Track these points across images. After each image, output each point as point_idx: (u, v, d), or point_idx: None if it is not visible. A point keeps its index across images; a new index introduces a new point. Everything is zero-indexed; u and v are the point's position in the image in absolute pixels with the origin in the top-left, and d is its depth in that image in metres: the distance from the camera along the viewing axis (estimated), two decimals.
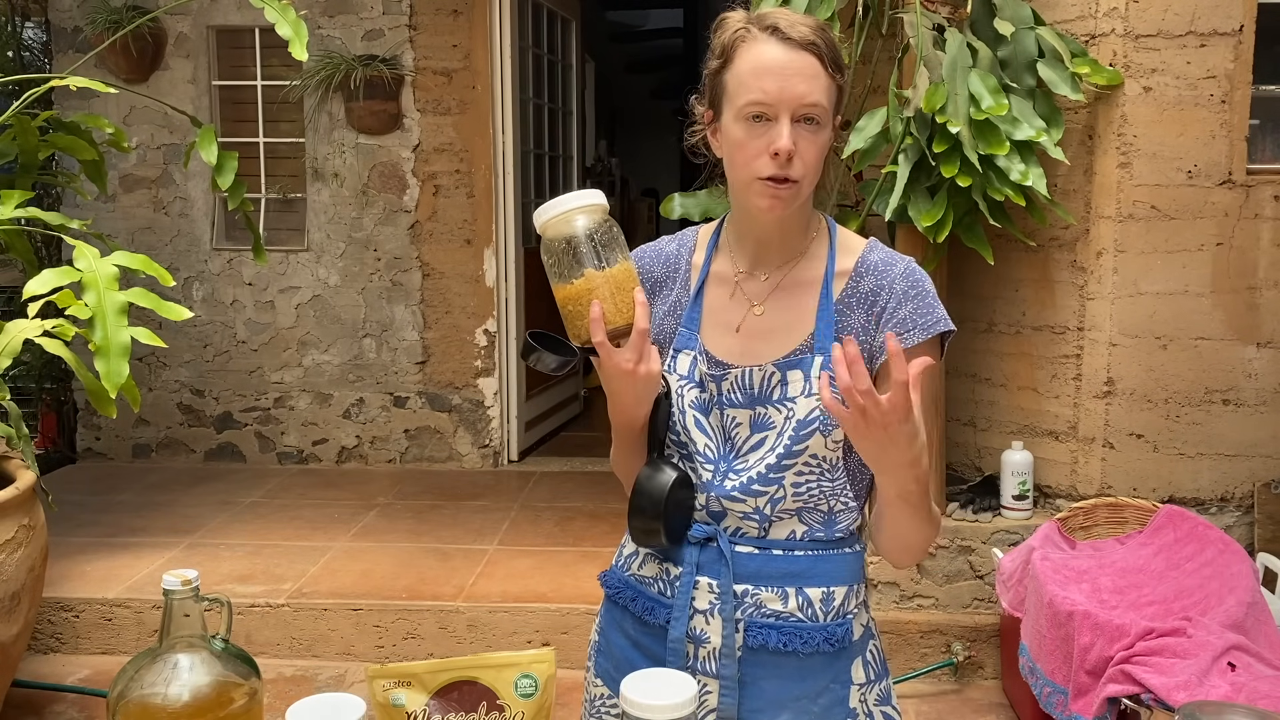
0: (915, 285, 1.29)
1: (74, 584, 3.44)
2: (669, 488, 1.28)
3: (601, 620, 1.47)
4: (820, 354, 1.28)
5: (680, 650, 1.32)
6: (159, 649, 1.11)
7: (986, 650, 3.22)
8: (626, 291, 1.21)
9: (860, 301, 1.30)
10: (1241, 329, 3.20)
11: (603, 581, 1.46)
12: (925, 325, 1.27)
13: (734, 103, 1.25)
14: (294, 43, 3.00)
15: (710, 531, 1.33)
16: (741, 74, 1.24)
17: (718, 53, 1.28)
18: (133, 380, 2.58)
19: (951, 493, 3.41)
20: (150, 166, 4.83)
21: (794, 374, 1.29)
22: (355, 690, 2.58)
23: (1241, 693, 2.26)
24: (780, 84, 1.21)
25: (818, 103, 1.22)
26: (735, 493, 1.31)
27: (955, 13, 3.09)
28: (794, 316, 1.32)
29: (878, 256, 1.33)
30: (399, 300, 4.81)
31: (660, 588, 1.37)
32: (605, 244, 1.21)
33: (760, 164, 1.23)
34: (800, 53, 1.22)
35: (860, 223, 3.36)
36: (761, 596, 1.31)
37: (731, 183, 1.31)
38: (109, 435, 4.95)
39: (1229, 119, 3.11)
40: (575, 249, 1.20)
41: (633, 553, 1.42)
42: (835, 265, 1.33)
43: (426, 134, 4.71)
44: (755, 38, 1.24)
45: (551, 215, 1.21)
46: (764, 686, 1.31)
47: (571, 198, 1.22)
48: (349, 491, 4.49)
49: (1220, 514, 3.24)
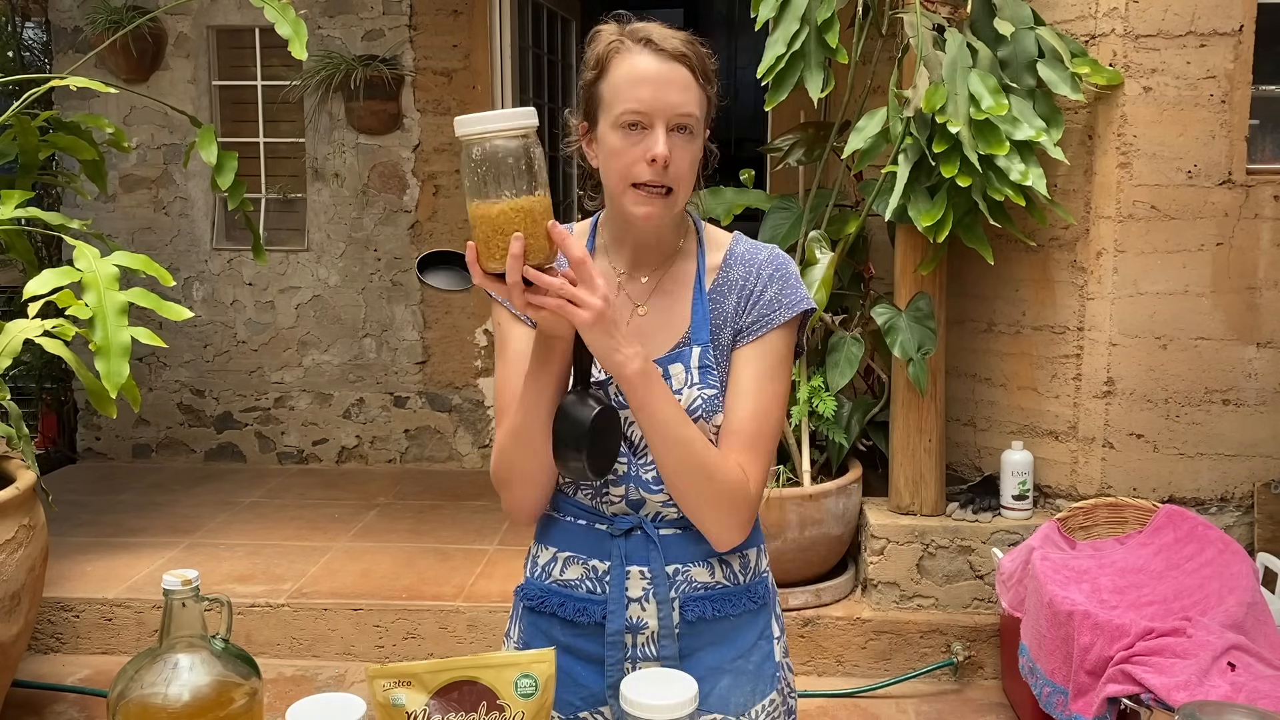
0: (780, 269, 1.37)
1: (74, 584, 3.44)
2: (593, 416, 1.23)
3: (524, 635, 1.45)
4: (697, 345, 1.34)
5: (619, 642, 1.36)
6: (159, 649, 1.11)
7: (986, 650, 3.22)
8: (542, 224, 1.13)
9: (731, 289, 1.37)
10: (1241, 329, 3.20)
11: (521, 595, 1.46)
12: (790, 304, 1.35)
13: (610, 111, 1.28)
14: (294, 42, 3.00)
15: (634, 521, 1.36)
16: (617, 84, 1.28)
17: (592, 64, 1.32)
18: (133, 380, 2.58)
19: (951, 493, 3.41)
20: (150, 166, 4.83)
21: (675, 367, 1.34)
22: (355, 690, 2.58)
23: (1241, 693, 2.26)
24: (655, 93, 1.25)
25: (691, 113, 1.27)
26: (653, 483, 1.35)
27: (955, 13, 3.09)
28: (673, 314, 1.37)
29: (743, 248, 1.40)
30: (399, 300, 4.81)
31: (589, 586, 1.38)
32: (534, 169, 1.13)
33: (637, 170, 1.27)
34: (673, 63, 1.27)
35: (860, 223, 3.37)
36: (692, 572, 1.37)
37: (608, 190, 1.35)
38: (109, 435, 4.95)
39: (1229, 119, 3.11)
40: (498, 169, 1.11)
41: (549, 560, 1.42)
42: (706, 260, 1.39)
43: (426, 134, 4.71)
44: (629, 49, 1.28)
45: (482, 128, 1.12)
46: (702, 657, 1.37)
47: (505, 114, 1.13)
48: (349, 491, 4.49)
49: (1220, 514, 3.24)
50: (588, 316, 1.15)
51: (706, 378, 1.33)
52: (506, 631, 1.52)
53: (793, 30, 3.07)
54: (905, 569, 3.28)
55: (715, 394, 1.33)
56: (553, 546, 1.42)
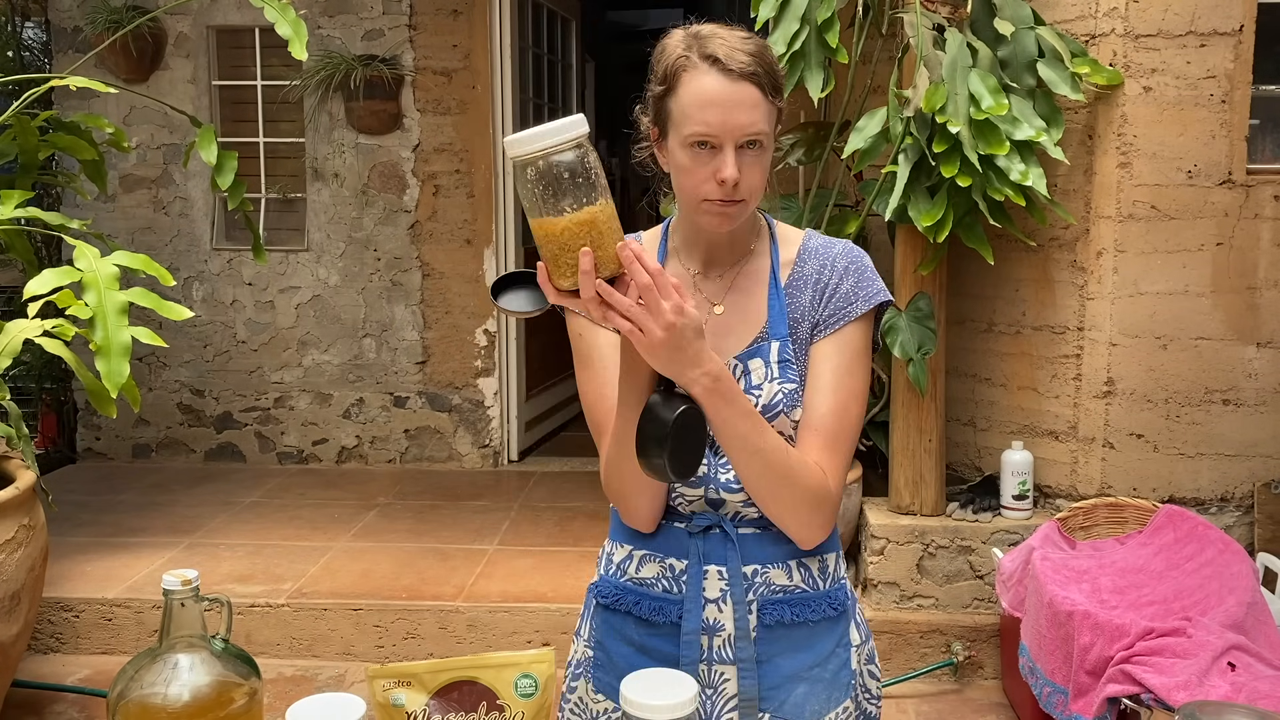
0: (855, 262, 1.37)
1: (74, 584, 3.44)
2: (677, 414, 1.20)
3: (596, 632, 1.44)
4: (776, 339, 1.34)
5: (695, 643, 1.34)
6: (159, 649, 1.11)
7: (986, 650, 3.22)
8: (608, 233, 1.11)
9: (806, 283, 1.37)
10: (1241, 329, 3.20)
11: (595, 592, 1.45)
12: (867, 296, 1.35)
13: (679, 130, 1.28)
14: (293, 42, 3.00)
15: (712, 519, 1.35)
16: (685, 105, 1.27)
17: (660, 78, 1.31)
18: (133, 380, 2.58)
19: (951, 493, 3.41)
20: (150, 166, 4.83)
21: (755, 362, 1.34)
22: (355, 690, 2.58)
23: (1241, 693, 2.26)
24: (723, 116, 1.24)
25: (760, 131, 1.26)
26: (733, 483, 1.34)
27: (955, 13, 3.09)
28: (750, 310, 1.37)
29: (816, 242, 1.41)
30: (399, 300, 4.81)
31: (665, 585, 1.37)
32: (591, 178, 1.11)
33: (707, 188, 1.27)
34: (740, 84, 1.25)
35: (860, 223, 3.36)
36: (770, 574, 1.36)
37: (680, 200, 1.35)
38: (109, 435, 4.95)
39: (1229, 119, 3.11)
40: (557, 184, 1.09)
41: (625, 558, 1.41)
42: (780, 256, 1.40)
43: (426, 134, 4.71)
44: (697, 67, 1.26)
45: (535, 146, 1.09)
46: (779, 663, 1.35)
47: (556, 127, 1.10)
48: (349, 491, 4.48)
49: (1220, 514, 3.24)
50: (647, 342, 1.14)
51: (786, 372, 1.33)
52: (577, 629, 1.49)
53: (793, 30, 3.07)
54: (905, 569, 3.28)
55: (795, 388, 1.33)
56: (629, 544, 1.41)
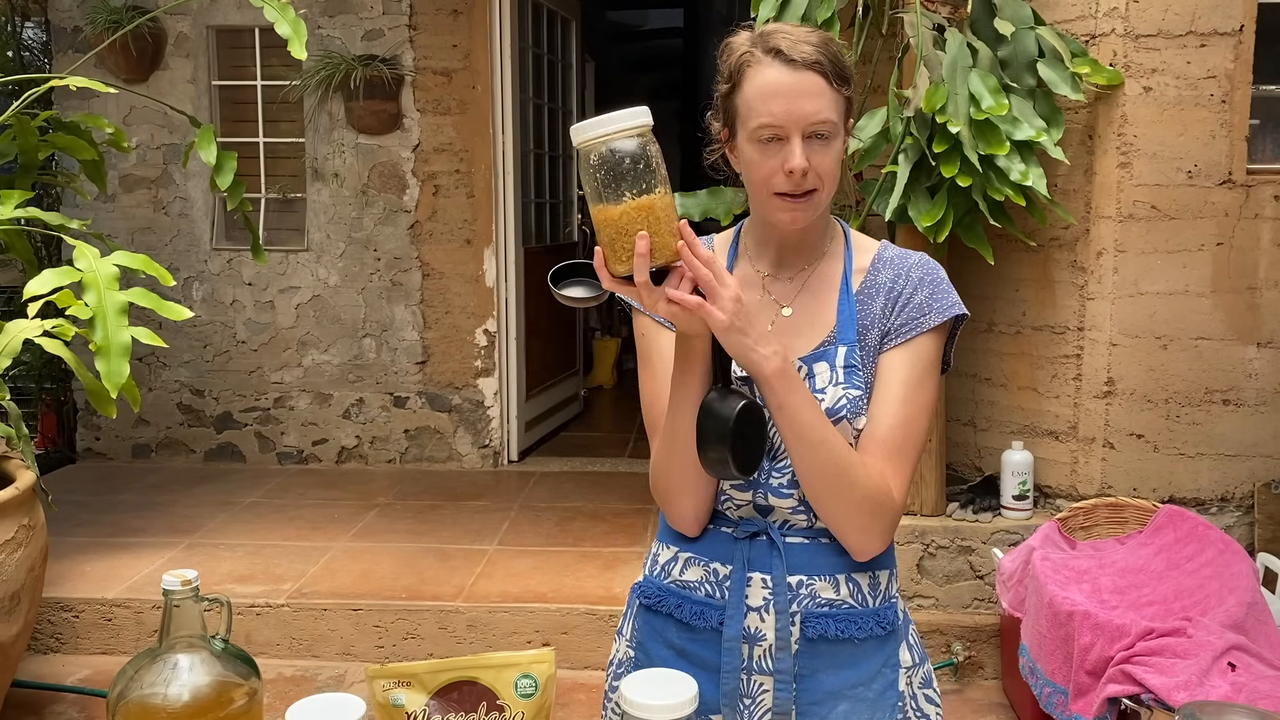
0: (930, 273, 1.35)
1: (74, 584, 3.44)
2: (738, 409, 1.20)
3: (638, 634, 1.43)
4: (843, 344, 1.32)
5: (736, 650, 1.32)
6: (159, 649, 1.11)
7: (986, 650, 3.22)
8: (666, 221, 1.13)
9: (879, 291, 1.35)
10: (1241, 329, 3.20)
11: (638, 593, 1.43)
12: (941, 309, 1.33)
13: (746, 125, 1.28)
14: (293, 42, 3.00)
15: (759, 526, 1.34)
16: (750, 98, 1.27)
17: (725, 77, 1.32)
18: (133, 380, 2.58)
19: (952, 493, 3.41)
20: (150, 166, 4.83)
21: (820, 365, 1.32)
22: (355, 690, 2.58)
23: (1241, 693, 2.26)
24: (788, 106, 1.24)
25: (826, 119, 1.25)
26: (783, 488, 1.32)
27: (955, 13, 3.09)
28: (819, 313, 1.36)
29: (892, 252, 1.39)
30: (399, 300, 4.81)
31: (708, 590, 1.36)
32: (652, 167, 1.13)
33: (776, 181, 1.27)
34: (805, 73, 1.25)
35: (860, 223, 3.36)
36: (816, 586, 1.32)
37: (752, 197, 1.35)
38: (109, 435, 4.95)
39: (1229, 119, 3.11)
40: (618, 171, 1.12)
41: (670, 559, 1.40)
42: (853, 262, 1.38)
43: (426, 134, 4.71)
44: (760, 61, 1.27)
45: (599, 132, 1.13)
46: (821, 679, 1.32)
47: (621, 115, 1.14)
48: (349, 491, 4.48)
49: (1220, 514, 3.24)
50: (721, 317, 1.14)
51: (851, 378, 1.31)
52: (619, 629, 1.48)
53: None
54: (905, 569, 3.28)
55: (860, 395, 1.31)
56: (674, 545, 1.39)
